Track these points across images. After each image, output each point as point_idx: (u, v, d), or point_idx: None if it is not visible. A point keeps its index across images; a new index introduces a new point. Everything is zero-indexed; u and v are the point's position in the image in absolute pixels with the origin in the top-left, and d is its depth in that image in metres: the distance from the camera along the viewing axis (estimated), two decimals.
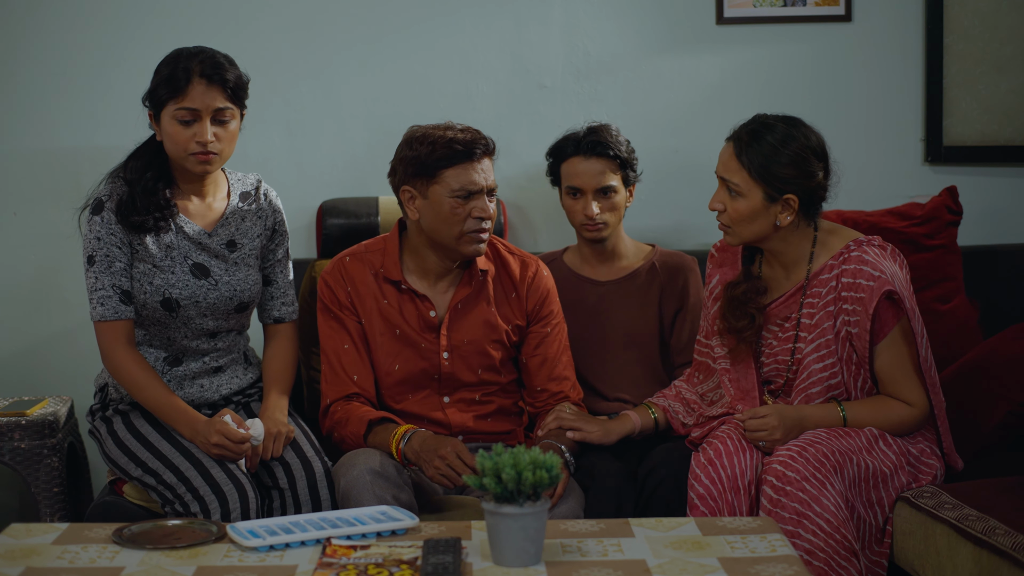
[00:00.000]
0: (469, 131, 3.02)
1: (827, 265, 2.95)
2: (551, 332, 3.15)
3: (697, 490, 2.82)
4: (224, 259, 3.01)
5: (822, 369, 2.93)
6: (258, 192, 3.11)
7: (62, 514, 3.37)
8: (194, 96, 2.87)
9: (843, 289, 2.90)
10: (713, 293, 3.11)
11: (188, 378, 3.04)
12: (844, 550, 2.70)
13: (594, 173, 3.30)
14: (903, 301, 2.86)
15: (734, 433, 2.88)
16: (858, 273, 2.87)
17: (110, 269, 2.92)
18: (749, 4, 3.84)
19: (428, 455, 2.84)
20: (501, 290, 3.14)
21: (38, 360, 3.85)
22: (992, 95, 3.87)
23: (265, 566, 2.26)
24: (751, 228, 2.93)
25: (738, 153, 2.89)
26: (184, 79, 2.87)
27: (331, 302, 3.11)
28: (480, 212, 2.98)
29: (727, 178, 2.92)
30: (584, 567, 2.23)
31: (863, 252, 2.90)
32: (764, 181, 2.88)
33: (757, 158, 2.87)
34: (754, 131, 2.90)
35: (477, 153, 2.98)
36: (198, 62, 2.88)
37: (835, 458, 2.77)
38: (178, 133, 2.89)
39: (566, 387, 3.15)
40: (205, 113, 2.89)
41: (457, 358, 3.09)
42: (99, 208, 2.94)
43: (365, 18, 3.82)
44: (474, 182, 2.98)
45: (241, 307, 3.04)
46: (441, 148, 2.97)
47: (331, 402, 3.07)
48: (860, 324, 2.87)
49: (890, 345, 2.90)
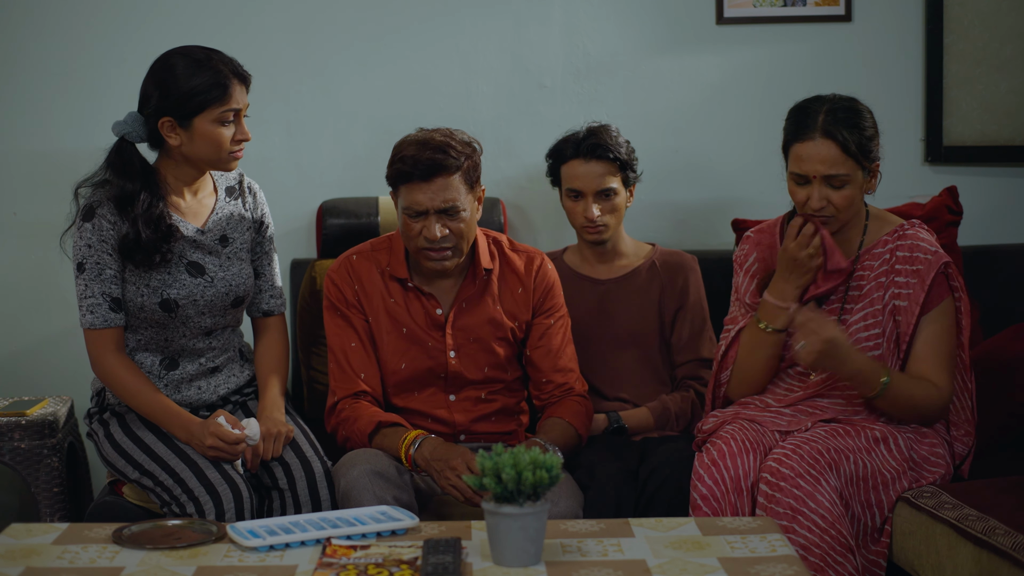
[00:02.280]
0: (427, 146, 2.93)
1: (881, 240, 2.99)
2: (554, 324, 3.14)
3: (700, 491, 2.82)
4: (217, 255, 3.02)
5: (867, 339, 2.94)
6: (242, 186, 3.11)
7: (62, 514, 3.37)
8: (237, 97, 2.90)
9: (897, 263, 2.93)
10: (751, 272, 3.10)
11: (185, 381, 3.03)
12: (840, 546, 2.71)
13: (594, 176, 3.30)
14: (957, 276, 2.92)
15: (738, 434, 2.88)
16: (915, 248, 2.93)
17: (100, 276, 2.91)
18: (749, 4, 3.84)
19: (439, 465, 2.84)
20: (507, 287, 3.13)
21: (38, 360, 3.85)
22: (992, 95, 3.87)
23: (265, 566, 2.26)
24: (854, 208, 2.95)
25: (843, 145, 2.86)
26: (226, 83, 2.88)
27: (338, 300, 3.10)
28: (427, 233, 2.95)
29: (834, 173, 2.87)
30: (584, 567, 2.23)
31: (918, 231, 2.98)
32: (866, 159, 2.90)
33: (856, 139, 2.88)
34: (836, 118, 2.88)
35: (416, 175, 2.91)
36: (222, 63, 2.90)
37: (830, 456, 2.77)
38: (220, 135, 2.90)
39: (571, 379, 3.13)
40: (243, 111, 2.94)
41: (464, 356, 3.09)
42: (90, 215, 2.91)
43: (365, 18, 3.82)
44: (418, 202, 2.93)
45: (237, 302, 3.04)
46: (395, 163, 2.96)
47: (339, 400, 3.06)
48: (912, 297, 2.90)
49: (933, 320, 2.92)
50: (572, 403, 3.09)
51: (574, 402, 3.10)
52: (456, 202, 2.94)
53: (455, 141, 2.96)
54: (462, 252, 3.02)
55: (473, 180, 2.99)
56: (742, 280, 3.11)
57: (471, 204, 2.98)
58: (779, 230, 3.11)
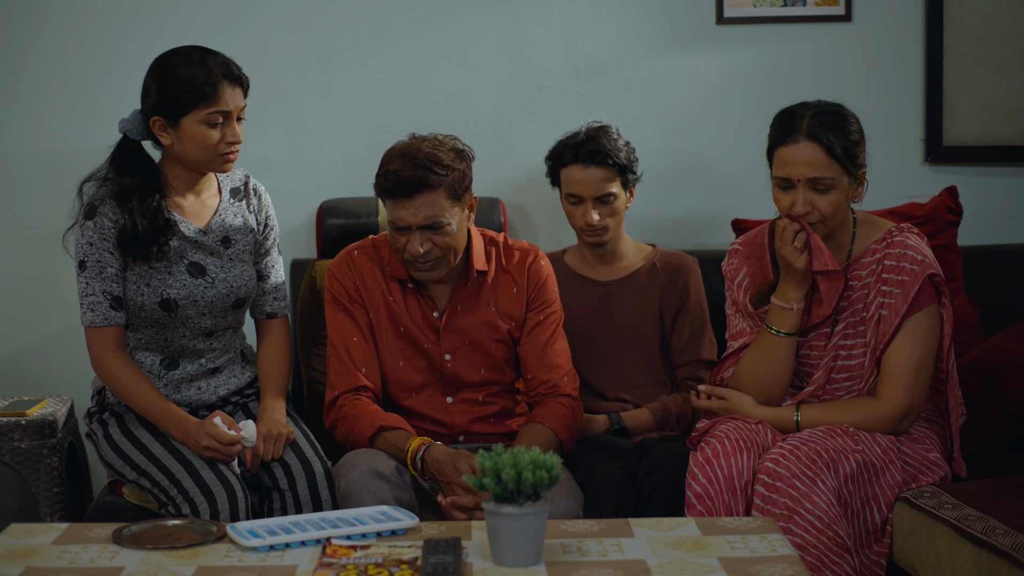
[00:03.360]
0: (411, 161, 2.89)
1: (870, 248, 2.96)
2: (544, 320, 3.12)
3: (694, 489, 2.82)
4: (219, 256, 3.02)
5: (852, 346, 2.94)
6: (247, 188, 3.11)
7: (62, 514, 3.37)
8: (225, 99, 2.88)
9: (885, 271, 2.91)
10: (742, 286, 3.09)
11: (185, 381, 3.03)
12: (836, 547, 2.71)
13: (593, 181, 3.29)
14: (943, 285, 2.89)
15: (732, 433, 2.88)
16: (902, 256, 2.90)
17: (101, 275, 2.92)
18: (749, 4, 3.84)
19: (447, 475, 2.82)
20: (502, 288, 3.12)
21: (38, 360, 3.85)
22: (992, 95, 3.87)
23: (265, 566, 2.26)
24: (840, 215, 2.92)
25: (828, 148, 2.84)
26: (214, 83, 2.87)
27: (340, 294, 3.09)
28: (410, 248, 2.94)
29: (819, 176, 2.85)
30: (584, 567, 2.23)
31: (906, 237, 2.94)
32: (851, 164, 2.88)
33: (842, 143, 2.85)
34: (822, 121, 2.86)
35: (399, 192, 2.90)
36: (215, 64, 2.89)
37: (827, 455, 2.77)
38: (208, 136, 2.89)
39: (556, 376, 3.08)
40: (235, 113, 2.91)
41: (459, 359, 3.09)
42: (91, 213, 2.92)
43: (365, 18, 3.82)
44: (401, 218, 2.93)
45: (238, 303, 3.04)
46: (379, 177, 2.95)
47: (339, 394, 3.05)
48: (893, 308, 2.88)
49: (908, 329, 2.89)
50: (556, 405, 3.04)
51: (558, 404, 3.04)
52: (439, 218, 2.92)
53: (443, 153, 2.92)
54: (449, 263, 3.00)
55: (460, 192, 2.95)
56: (736, 293, 3.10)
57: (457, 216, 2.95)
58: (767, 239, 3.10)
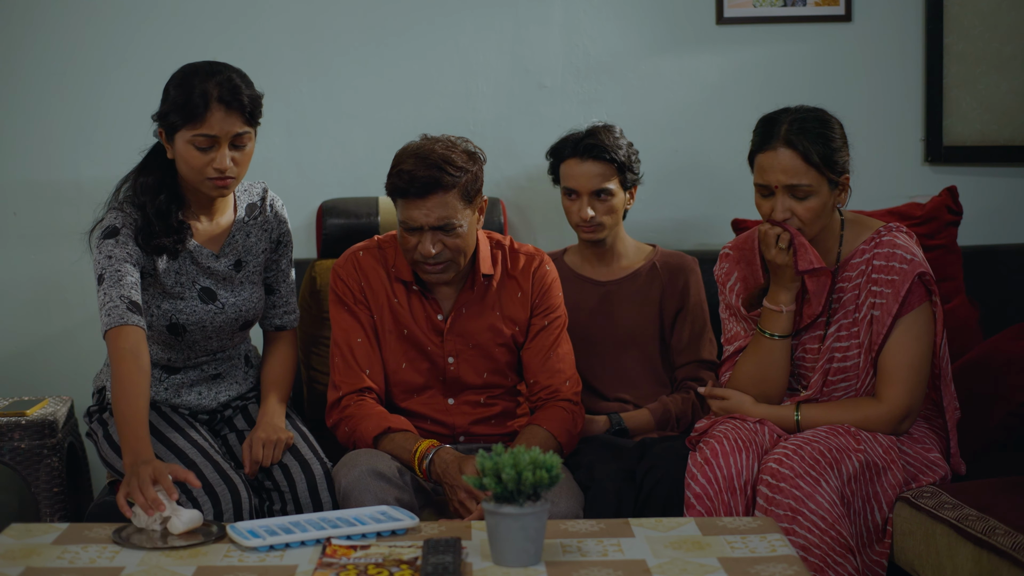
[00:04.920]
0: (425, 162, 2.88)
1: (859, 249, 2.96)
2: (548, 325, 3.12)
3: (694, 489, 2.82)
4: (230, 281, 2.97)
5: (847, 348, 2.94)
6: (264, 203, 3.05)
7: (62, 514, 3.37)
8: (212, 123, 2.73)
9: (874, 271, 2.91)
10: (735, 290, 3.09)
11: (186, 385, 3.03)
12: (840, 547, 2.71)
13: (590, 176, 3.30)
14: (933, 283, 2.89)
15: (731, 433, 2.88)
16: (891, 256, 2.90)
17: (120, 283, 2.75)
18: (749, 4, 3.84)
19: (451, 477, 2.83)
20: (508, 292, 3.11)
21: (38, 360, 3.85)
22: (992, 95, 3.87)
23: (265, 566, 2.26)
24: (821, 221, 2.90)
25: (804, 155, 2.83)
26: (202, 105, 2.72)
27: (344, 295, 3.09)
28: (422, 249, 2.93)
29: (796, 183, 2.84)
30: (584, 567, 2.23)
31: (895, 237, 2.93)
32: (830, 170, 2.86)
33: (820, 150, 2.84)
34: (801, 128, 2.86)
35: (412, 192, 2.89)
36: (215, 85, 2.75)
37: (831, 455, 2.77)
38: (195, 158, 2.78)
39: (558, 380, 3.08)
40: (224, 139, 2.76)
41: (462, 362, 3.08)
42: (113, 234, 2.82)
43: (365, 19, 3.82)
44: (413, 219, 2.92)
45: (245, 325, 3.03)
46: (392, 176, 2.93)
47: (343, 395, 3.04)
48: (885, 308, 2.88)
49: (901, 329, 2.89)
50: (557, 410, 3.04)
51: (559, 408, 3.04)
52: (452, 219, 2.91)
53: (456, 155, 2.91)
54: (459, 265, 3.00)
55: (472, 194, 2.95)
56: (729, 297, 3.11)
57: (469, 218, 2.95)
58: (756, 243, 3.10)
